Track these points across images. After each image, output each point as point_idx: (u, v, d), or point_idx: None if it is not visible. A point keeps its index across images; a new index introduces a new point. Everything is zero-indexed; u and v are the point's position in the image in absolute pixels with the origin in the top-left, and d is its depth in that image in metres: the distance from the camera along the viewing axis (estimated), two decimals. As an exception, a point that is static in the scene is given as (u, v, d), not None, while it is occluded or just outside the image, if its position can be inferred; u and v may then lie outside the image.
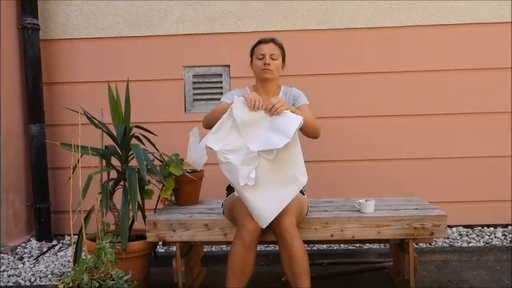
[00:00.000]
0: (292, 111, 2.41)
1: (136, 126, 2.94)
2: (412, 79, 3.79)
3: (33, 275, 3.15)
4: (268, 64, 2.66)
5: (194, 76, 3.88)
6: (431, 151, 3.81)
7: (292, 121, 2.30)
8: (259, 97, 2.37)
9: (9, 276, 3.14)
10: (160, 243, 2.88)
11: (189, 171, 2.96)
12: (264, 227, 2.34)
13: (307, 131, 2.58)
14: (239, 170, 2.30)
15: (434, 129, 3.80)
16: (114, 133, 2.85)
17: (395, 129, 3.81)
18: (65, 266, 3.30)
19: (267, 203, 2.32)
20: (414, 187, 3.74)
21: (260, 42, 2.74)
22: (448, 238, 3.61)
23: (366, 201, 2.69)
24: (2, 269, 3.24)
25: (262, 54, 2.69)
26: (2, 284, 3.01)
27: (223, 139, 2.35)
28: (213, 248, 3.53)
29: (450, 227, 3.75)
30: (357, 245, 3.50)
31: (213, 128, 2.36)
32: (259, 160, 2.29)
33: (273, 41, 2.73)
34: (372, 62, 3.79)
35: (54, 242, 3.77)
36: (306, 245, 2.41)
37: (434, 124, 3.79)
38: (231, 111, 2.35)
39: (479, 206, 3.81)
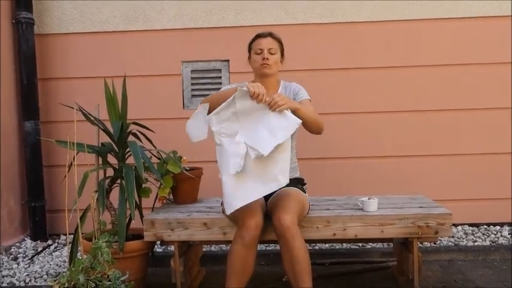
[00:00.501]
0: (295, 108, 2.43)
1: (134, 123, 2.94)
2: (416, 74, 3.78)
3: (27, 275, 3.15)
4: (267, 59, 2.65)
5: (192, 71, 3.87)
6: (436, 148, 3.80)
7: (288, 125, 2.34)
8: (264, 90, 2.37)
9: (3, 276, 3.15)
10: (158, 242, 2.88)
11: (188, 168, 2.96)
12: (227, 213, 2.40)
13: (310, 127, 2.58)
14: (229, 159, 2.37)
15: (439, 126, 3.79)
16: (111, 130, 2.84)
17: (399, 126, 3.80)
18: (60, 266, 3.30)
19: (241, 193, 2.36)
20: (418, 185, 3.74)
21: (258, 36, 2.73)
22: (453, 237, 3.60)
23: (368, 199, 2.69)
24: (-4, 270, 3.25)
25: (260, 49, 2.68)
26: (-4, 285, 3.02)
27: (223, 121, 2.43)
28: (212, 248, 3.53)
29: (455, 225, 3.74)
30: (360, 244, 3.50)
31: (216, 109, 2.42)
32: (246, 149, 2.36)
33: (271, 35, 2.72)
34: (374, 56, 3.78)
35: (50, 242, 3.78)
36: (307, 244, 2.41)
37: (439, 120, 3.79)
38: (234, 99, 2.38)
39: (485, 204, 3.81)
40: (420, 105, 3.79)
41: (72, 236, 2.81)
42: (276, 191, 2.57)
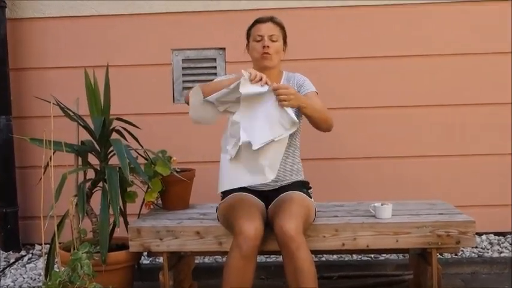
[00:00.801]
0: (301, 107, 2.45)
1: (117, 119, 2.94)
2: (438, 64, 3.77)
3: (-2, 290, 3.16)
4: (268, 47, 2.65)
5: (184, 60, 3.87)
6: (458, 147, 3.80)
7: (286, 124, 2.39)
8: (265, 76, 2.42)
9: (-29, 291, 3.15)
10: (145, 253, 2.88)
11: (178, 170, 2.96)
12: (217, 193, 2.50)
13: (317, 124, 2.58)
14: (228, 141, 2.47)
15: (463, 122, 3.78)
16: (92, 126, 2.84)
17: (417, 122, 3.80)
18: (35, 279, 3.30)
19: (229, 176, 2.47)
20: (438, 189, 3.74)
21: (257, 21, 2.73)
22: (476, 247, 3.61)
23: (382, 205, 2.70)
24: (-38, 283, 3.25)
25: (260, 36, 2.67)
26: (-37, 301, 3.02)
27: (226, 103, 2.48)
28: (206, 259, 3.54)
29: (479, 234, 3.74)
30: (372, 255, 3.51)
31: (215, 96, 2.45)
32: (240, 133, 2.42)
33: (272, 20, 2.72)
34: (390, 44, 3.78)
35: (23, 253, 3.77)
36: (313, 256, 2.41)
37: (463, 116, 3.78)
38: (237, 87, 2.40)
39: (512, 211, 3.81)
40: (442, 100, 3.78)
41: (48, 246, 2.81)
42: (277, 196, 2.58)
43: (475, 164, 3.80)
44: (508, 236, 3.78)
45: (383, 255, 3.50)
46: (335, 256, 3.52)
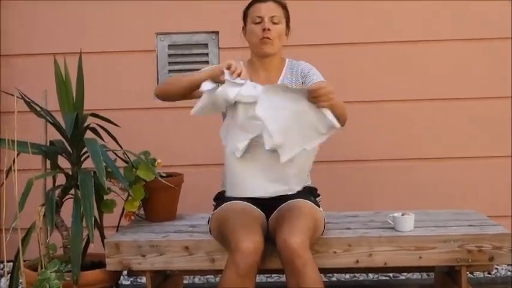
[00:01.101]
0: (334, 104, 2.38)
1: (92, 115, 2.94)
2: (468, 49, 3.78)
3: (-47, 315, 3.15)
4: (268, 30, 2.64)
5: (170, 46, 3.87)
6: (490, 148, 3.80)
7: (320, 130, 2.35)
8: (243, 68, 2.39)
9: None
10: (125, 272, 2.88)
11: (164, 175, 2.95)
12: (226, 195, 2.48)
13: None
14: (236, 134, 2.38)
15: (494, 118, 3.79)
16: (62, 124, 2.84)
17: (442, 118, 3.80)
18: (-4, 303, 3.31)
19: (242, 181, 2.42)
20: (467, 196, 3.74)
21: (256, 0, 2.72)
22: (513, 265, 3.62)
23: (402, 215, 2.70)
24: None
25: (259, 17, 2.67)
26: None
27: (238, 86, 2.36)
28: (196, 279, 3.54)
29: (516, 249, 3.74)
30: (391, 274, 3.51)
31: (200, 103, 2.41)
32: (260, 131, 2.32)
33: None
34: (411, 27, 3.79)
35: (-18, 272, 3.78)
36: (322, 275, 2.41)
37: (494, 112, 3.79)
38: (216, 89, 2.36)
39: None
40: (470, 92, 3.78)
41: (11, 263, 2.80)
42: (280, 204, 2.57)
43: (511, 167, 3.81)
44: (550, 251, 3.78)
45: (404, 274, 3.51)
46: (347, 275, 3.53)
